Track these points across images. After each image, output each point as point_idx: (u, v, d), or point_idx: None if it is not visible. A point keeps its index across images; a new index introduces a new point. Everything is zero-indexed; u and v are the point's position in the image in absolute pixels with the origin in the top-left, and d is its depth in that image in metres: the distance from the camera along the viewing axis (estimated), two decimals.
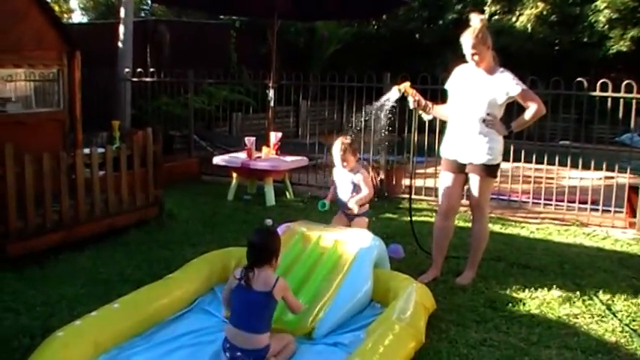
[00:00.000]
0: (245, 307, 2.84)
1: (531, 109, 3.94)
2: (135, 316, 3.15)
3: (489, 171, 4.09)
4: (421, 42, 16.59)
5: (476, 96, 4.00)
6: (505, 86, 3.95)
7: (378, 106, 4.55)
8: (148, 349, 3.00)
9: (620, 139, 9.62)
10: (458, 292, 4.00)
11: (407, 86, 4.31)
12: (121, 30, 9.83)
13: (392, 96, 4.35)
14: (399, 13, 16.70)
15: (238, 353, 2.79)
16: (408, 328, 3.01)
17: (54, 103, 5.87)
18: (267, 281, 2.87)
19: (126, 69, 9.41)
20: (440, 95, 4.75)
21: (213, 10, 11.82)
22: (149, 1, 17.48)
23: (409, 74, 5.47)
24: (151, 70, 9.17)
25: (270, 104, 8.14)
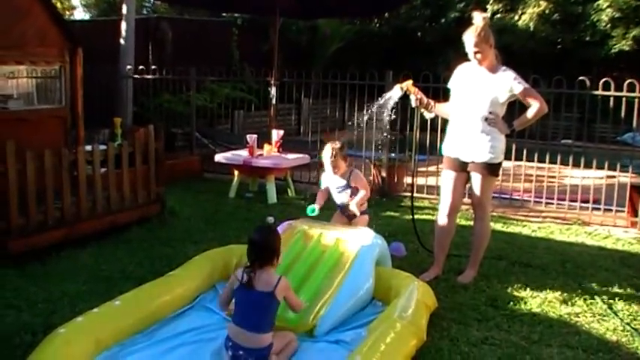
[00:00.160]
0: (247, 307, 2.83)
1: (533, 107, 3.94)
2: (136, 313, 3.15)
3: (491, 169, 4.08)
4: (423, 40, 16.60)
5: (478, 94, 3.99)
6: (507, 85, 3.94)
7: (381, 104, 4.55)
8: (149, 346, 3.00)
9: (622, 139, 9.57)
10: (459, 290, 4.00)
11: (409, 84, 4.31)
12: (123, 27, 9.81)
13: (394, 94, 4.34)
14: (401, 12, 16.73)
15: (240, 352, 2.78)
16: (410, 326, 3.01)
17: (56, 100, 5.88)
18: (269, 281, 2.86)
19: (128, 66, 9.40)
20: (442, 94, 4.74)
21: (216, 7, 11.83)
22: None
23: (411, 72, 5.46)
24: (152, 67, 9.16)
25: (272, 102, 8.13)
